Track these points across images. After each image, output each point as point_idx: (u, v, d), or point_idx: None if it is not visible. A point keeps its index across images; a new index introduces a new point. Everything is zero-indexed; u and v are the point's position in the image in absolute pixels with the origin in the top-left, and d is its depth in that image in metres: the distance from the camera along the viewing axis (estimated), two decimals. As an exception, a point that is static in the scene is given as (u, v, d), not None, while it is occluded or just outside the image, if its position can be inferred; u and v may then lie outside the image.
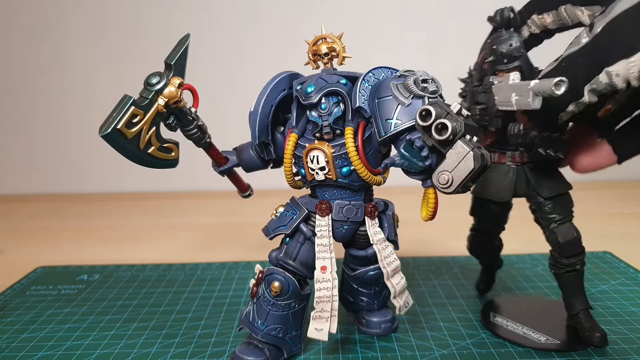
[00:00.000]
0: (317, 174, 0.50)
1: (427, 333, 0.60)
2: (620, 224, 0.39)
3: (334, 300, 0.51)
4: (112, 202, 1.32)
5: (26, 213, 1.22)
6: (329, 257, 0.51)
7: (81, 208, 1.26)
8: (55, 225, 1.06)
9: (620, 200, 1.15)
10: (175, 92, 0.47)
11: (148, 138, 0.47)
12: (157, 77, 0.46)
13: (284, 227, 0.52)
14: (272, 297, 0.51)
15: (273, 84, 0.51)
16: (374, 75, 0.48)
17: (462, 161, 0.39)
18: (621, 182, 1.32)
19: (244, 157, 0.58)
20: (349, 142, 0.47)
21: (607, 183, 1.30)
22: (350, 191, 0.51)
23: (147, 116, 0.46)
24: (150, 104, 0.46)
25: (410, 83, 0.44)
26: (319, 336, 0.51)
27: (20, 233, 0.98)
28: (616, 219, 0.87)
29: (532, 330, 0.58)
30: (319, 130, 0.49)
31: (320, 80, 0.48)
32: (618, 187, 1.28)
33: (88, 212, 1.21)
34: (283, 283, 0.51)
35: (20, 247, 0.89)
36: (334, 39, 0.50)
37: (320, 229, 0.51)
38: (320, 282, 0.51)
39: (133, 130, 0.46)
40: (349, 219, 0.51)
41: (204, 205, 1.16)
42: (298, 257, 0.52)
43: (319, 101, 0.48)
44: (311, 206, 0.52)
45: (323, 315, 0.51)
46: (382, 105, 0.46)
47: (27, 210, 1.25)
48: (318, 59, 0.51)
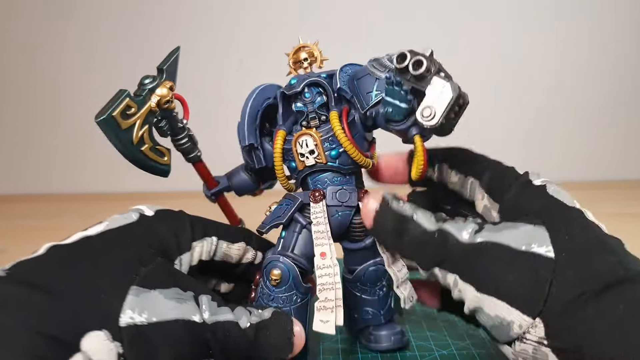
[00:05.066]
0: (307, 159, 0.51)
1: (427, 333, 0.59)
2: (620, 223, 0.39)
3: (337, 287, 0.48)
4: (112, 202, 1.25)
5: (26, 213, 1.17)
6: (327, 243, 0.50)
7: (81, 208, 1.21)
8: (55, 225, 1.01)
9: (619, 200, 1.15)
10: (167, 92, 0.50)
11: (141, 134, 0.49)
12: (150, 78, 0.50)
13: (278, 218, 0.51)
14: (272, 290, 0.49)
15: (258, 90, 0.55)
16: (351, 68, 0.53)
17: (442, 93, 0.41)
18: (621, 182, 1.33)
19: (235, 180, 0.59)
20: (334, 123, 0.50)
21: (607, 183, 1.31)
22: (342, 176, 0.52)
23: (141, 111, 0.49)
24: (143, 101, 0.49)
25: (384, 60, 0.49)
26: (325, 329, 0.48)
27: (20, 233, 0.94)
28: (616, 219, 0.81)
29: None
30: (304, 118, 0.51)
31: (302, 75, 0.53)
32: (618, 187, 1.28)
33: (88, 212, 1.15)
34: (283, 269, 0.49)
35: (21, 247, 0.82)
36: (311, 46, 0.55)
37: (315, 215, 0.51)
38: (321, 269, 0.49)
39: (127, 121, 0.47)
40: (343, 203, 0.51)
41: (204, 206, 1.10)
42: (296, 247, 0.51)
43: (302, 90, 0.51)
44: (305, 197, 0.52)
45: (327, 305, 0.48)
46: (362, 82, 0.49)
47: (27, 210, 1.21)
48: (299, 66, 0.56)
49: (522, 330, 0.36)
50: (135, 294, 0.36)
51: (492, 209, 0.46)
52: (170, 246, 0.44)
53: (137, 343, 0.35)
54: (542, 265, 0.37)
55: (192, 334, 0.38)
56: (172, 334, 0.37)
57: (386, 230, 0.45)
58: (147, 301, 0.37)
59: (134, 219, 0.44)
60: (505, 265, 0.38)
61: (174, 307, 0.38)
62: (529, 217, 0.41)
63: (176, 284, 0.40)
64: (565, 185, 0.44)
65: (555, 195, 0.42)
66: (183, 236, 0.46)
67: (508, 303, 0.37)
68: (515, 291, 0.37)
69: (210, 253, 0.48)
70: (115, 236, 0.41)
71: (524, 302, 0.36)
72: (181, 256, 0.45)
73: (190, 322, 0.38)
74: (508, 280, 0.37)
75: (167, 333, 0.37)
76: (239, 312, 0.43)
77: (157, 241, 0.43)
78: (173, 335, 0.37)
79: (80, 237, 0.40)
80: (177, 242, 0.45)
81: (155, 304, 0.37)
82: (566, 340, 0.35)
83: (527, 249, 0.38)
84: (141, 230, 0.43)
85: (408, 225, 0.43)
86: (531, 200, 0.43)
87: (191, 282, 0.43)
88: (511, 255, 0.38)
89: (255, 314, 0.44)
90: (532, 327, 0.36)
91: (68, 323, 0.33)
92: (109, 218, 0.44)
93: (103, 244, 0.40)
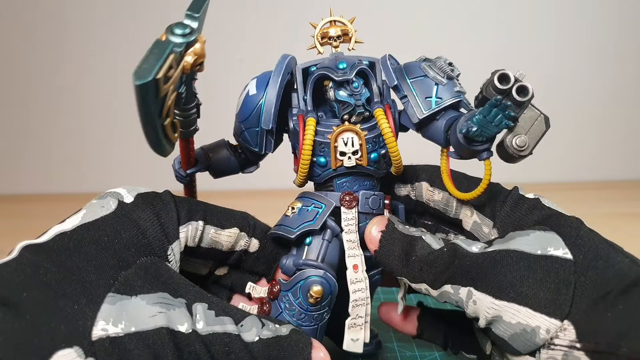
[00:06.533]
0: (348, 159, 0.45)
1: None
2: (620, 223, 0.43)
3: (367, 303, 0.45)
4: None
5: (26, 213, 1.15)
6: (359, 254, 0.45)
7: None
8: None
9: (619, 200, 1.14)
10: (204, 51, 0.38)
11: (170, 104, 0.36)
12: (187, 28, 0.36)
13: (311, 222, 0.44)
14: (307, 308, 0.43)
15: (286, 62, 0.46)
16: (390, 60, 0.48)
17: (535, 124, 0.41)
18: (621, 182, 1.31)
19: (216, 159, 0.49)
20: (382, 123, 0.45)
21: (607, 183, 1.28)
22: (371, 181, 0.47)
23: (176, 73, 0.36)
24: (179, 59, 0.36)
25: (442, 64, 0.45)
26: (354, 348, 0.44)
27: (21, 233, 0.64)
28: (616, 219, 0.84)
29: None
30: (350, 111, 0.45)
31: (349, 58, 0.45)
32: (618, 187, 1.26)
33: None
34: (324, 285, 0.43)
35: None
36: (346, 23, 0.48)
37: (347, 222, 0.45)
38: (354, 283, 0.44)
39: (166, 86, 0.34)
40: (374, 210, 0.47)
41: None
42: (326, 257, 0.45)
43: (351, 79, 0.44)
44: (335, 199, 0.46)
45: (358, 322, 0.44)
46: (418, 84, 0.45)
47: (27, 210, 1.18)
48: (326, 43, 0.48)
49: (550, 335, 0.35)
50: (111, 302, 0.33)
51: (484, 225, 0.46)
52: (156, 237, 0.40)
53: (111, 357, 0.32)
54: (563, 267, 0.36)
55: (177, 345, 0.34)
56: (153, 345, 0.33)
57: (393, 253, 0.43)
58: (125, 309, 0.33)
59: (112, 208, 0.39)
60: (524, 269, 0.37)
61: (157, 313, 0.34)
62: (535, 226, 0.41)
63: (165, 288, 0.36)
64: (565, 185, 0.46)
65: (551, 206, 0.43)
66: (169, 223, 0.41)
67: (531, 308, 0.36)
68: (538, 295, 0.36)
69: (195, 239, 0.43)
70: (91, 234, 0.37)
71: (549, 306, 0.35)
72: (172, 245, 0.40)
73: (175, 331, 0.34)
74: (529, 284, 0.36)
75: (147, 344, 0.33)
76: (249, 322, 0.37)
77: (139, 235, 0.39)
78: (154, 346, 0.33)
79: (55, 233, 0.37)
80: (163, 231, 0.40)
81: (135, 312, 0.33)
82: (600, 342, 0.33)
83: (544, 252, 0.37)
84: (120, 224, 0.38)
85: (416, 247, 0.42)
86: (528, 213, 0.43)
87: (185, 287, 0.38)
88: (528, 260, 0.37)
89: (270, 329, 0.38)
90: (561, 331, 0.35)
91: (35, 344, 0.30)
92: (86, 205, 0.40)
93: (78, 244, 0.36)
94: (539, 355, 0.36)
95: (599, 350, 0.33)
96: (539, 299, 0.36)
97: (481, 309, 0.38)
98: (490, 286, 0.38)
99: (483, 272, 0.38)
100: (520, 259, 0.37)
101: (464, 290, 0.39)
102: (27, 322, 0.31)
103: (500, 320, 0.37)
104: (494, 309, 0.37)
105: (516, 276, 0.37)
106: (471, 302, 0.39)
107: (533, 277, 0.36)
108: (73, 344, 0.31)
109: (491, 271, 0.38)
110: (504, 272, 0.37)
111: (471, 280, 0.39)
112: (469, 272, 0.39)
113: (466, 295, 0.39)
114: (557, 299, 0.35)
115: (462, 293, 0.39)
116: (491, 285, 0.38)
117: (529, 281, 0.36)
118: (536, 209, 0.43)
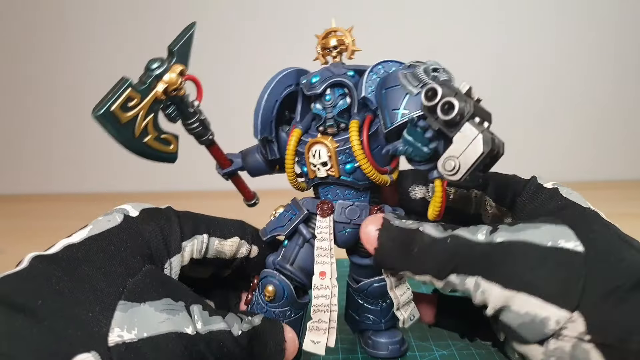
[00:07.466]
0: (318, 170, 0.47)
1: (427, 333, 0.59)
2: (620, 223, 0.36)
3: (332, 310, 0.46)
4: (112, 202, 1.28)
5: (26, 213, 1.17)
6: (329, 262, 0.47)
7: (81, 208, 1.23)
8: (55, 225, 1.02)
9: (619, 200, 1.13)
10: (175, 79, 0.45)
11: (144, 125, 0.46)
12: (158, 62, 0.45)
13: (281, 227, 0.49)
14: (265, 303, 0.48)
15: (279, 77, 0.49)
16: (383, 67, 0.46)
17: (471, 145, 0.35)
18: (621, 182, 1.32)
19: (249, 161, 0.56)
20: (353, 136, 0.44)
21: (607, 183, 1.30)
22: (355, 191, 0.48)
23: (145, 101, 0.45)
24: (148, 89, 0.45)
25: (420, 72, 0.42)
26: (315, 349, 0.47)
27: (20, 233, 0.96)
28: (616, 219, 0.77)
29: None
30: (322, 124, 0.46)
31: (326, 71, 0.46)
32: (618, 187, 1.27)
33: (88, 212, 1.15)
34: (277, 287, 0.47)
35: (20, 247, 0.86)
36: (343, 32, 0.48)
37: (320, 230, 0.47)
38: (318, 289, 0.47)
39: (128, 114, 0.44)
40: (352, 221, 0.47)
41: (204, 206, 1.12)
42: (296, 261, 0.48)
43: (323, 92, 0.45)
44: (312, 207, 0.48)
45: (320, 327, 0.47)
46: (389, 95, 0.43)
47: (27, 210, 1.21)
48: (327, 54, 0.49)
49: (559, 326, 0.35)
50: (123, 310, 0.35)
51: (503, 216, 0.47)
52: (158, 249, 0.42)
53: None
54: (573, 259, 0.36)
55: (186, 347, 0.36)
56: (165, 349, 0.35)
57: (393, 248, 0.42)
58: (136, 316, 0.35)
59: (118, 221, 0.42)
60: (535, 260, 0.36)
61: (165, 319, 0.36)
62: (547, 217, 0.39)
63: (167, 294, 0.38)
64: (565, 185, 0.43)
65: (569, 197, 0.42)
66: (172, 237, 0.44)
67: (542, 298, 0.35)
68: (549, 286, 0.35)
69: (201, 252, 0.46)
70: (99, 244, 0.39)
71: (559, 297, 0.35)
72: (171, 259, 0.43)
73: (183, 334, 0.36)
74: (540, 275, 0.36)
75: (160, 348, 0.35)
76: (231, 319, 0.41)
77: (143, 246, 0.41)
78: (166, 350, 0.35)
79: (63, 245, 0.39)
80: (165, 245, 0.43)
81: (146, 319, 0.35)
82: (610, 335, 0.33)
83: (554, 244, 0.36)
84: (126, 234, 0.41)
85: (416, 238, 0.41)
86: (545, 203, 0.42)
87: (182, 290, 0.41)
88: (539, 251, 0.36)
89: (246, 321, 0.42)
90: (570, 322, 0.34)
91: (54, 349, 0.31)
92: (92, 221, 0.42)
93: (87, 254, 0.38)
94: (547, 344, 0.36)
95: (608, 344, 0.33)
96: (549, 290, 0.35)
97: (489, 297, 0.38)
98: (500, 276, 0.37)
99: (491, 262, 0.38)
100: (530, 250, 0.37)
101: (471, 279, 0.39)
102: (45, 327, 0.32)
103: (508, 309, 0.37)
104: (503, 298, 0.37)
105: (526, 266, 0.36)
106: (479, 292, 0.38)
107: (544, 268, 0.36)
108: (91, 348, 0.32)
109: (501, 261, 0.38)
110: (514, 262, 0.37)
111: (479, 270, 0.38)
112: (477, 262, 0.38)
113: (474, 285, 0.39)
114: (568, 291, 0.35)
115: (469, 283, 0.39)
116: (501, 275, 0.37)
117: (539, 272, 0.36)
118: (554, 199, 0.42)
